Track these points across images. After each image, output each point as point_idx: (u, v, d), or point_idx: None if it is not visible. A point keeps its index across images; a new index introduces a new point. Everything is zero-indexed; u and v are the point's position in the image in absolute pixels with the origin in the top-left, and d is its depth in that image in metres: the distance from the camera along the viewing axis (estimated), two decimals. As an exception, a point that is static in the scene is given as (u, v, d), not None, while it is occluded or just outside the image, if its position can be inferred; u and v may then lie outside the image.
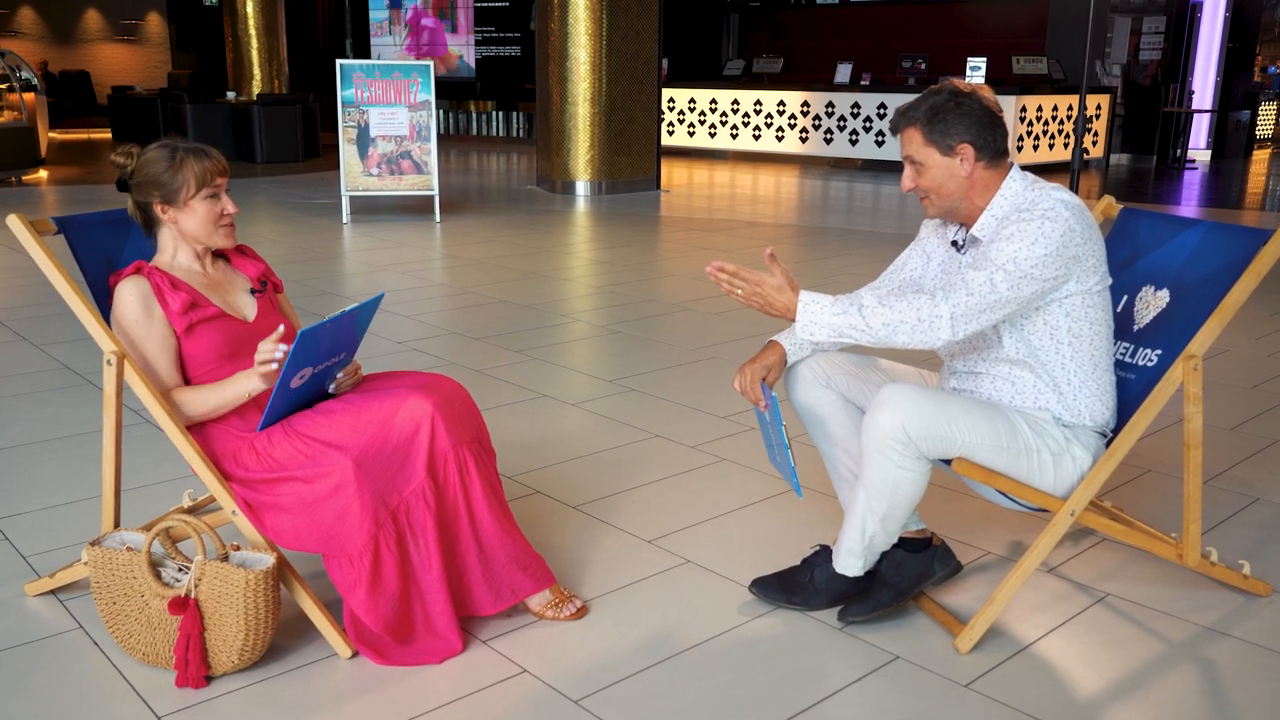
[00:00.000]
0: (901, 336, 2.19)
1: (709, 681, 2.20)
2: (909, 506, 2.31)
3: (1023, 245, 2.19)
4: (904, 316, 2.18)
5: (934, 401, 2.23)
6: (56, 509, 3.02)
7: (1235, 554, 2.76)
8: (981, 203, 2.35)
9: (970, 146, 2.30)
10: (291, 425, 2.28)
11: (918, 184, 2.36)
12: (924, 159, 2.32)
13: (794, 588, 2.49)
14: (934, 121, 2.30)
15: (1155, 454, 3.43)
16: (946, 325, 2.17)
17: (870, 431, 2.24)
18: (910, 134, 2.34)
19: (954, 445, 2.23)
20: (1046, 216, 2.21)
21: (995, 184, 2.34)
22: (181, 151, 2.33)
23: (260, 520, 2.24)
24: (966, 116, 2.29)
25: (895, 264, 2.59)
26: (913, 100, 2.36)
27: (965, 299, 2.18)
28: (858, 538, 2.38)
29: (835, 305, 2.21)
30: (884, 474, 2.25)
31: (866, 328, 2.19)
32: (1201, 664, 2.28)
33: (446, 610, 2.26)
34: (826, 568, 2.47)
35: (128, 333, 2.30)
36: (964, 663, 2.27)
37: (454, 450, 2.27)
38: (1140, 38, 14.49)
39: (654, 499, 3.12)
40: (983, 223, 2.35)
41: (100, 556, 2.20)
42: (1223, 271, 2.37)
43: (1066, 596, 2.57)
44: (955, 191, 2.33)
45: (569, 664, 2.26)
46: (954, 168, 2.31)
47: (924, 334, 2.19)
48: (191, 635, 2.13)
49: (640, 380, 4.32)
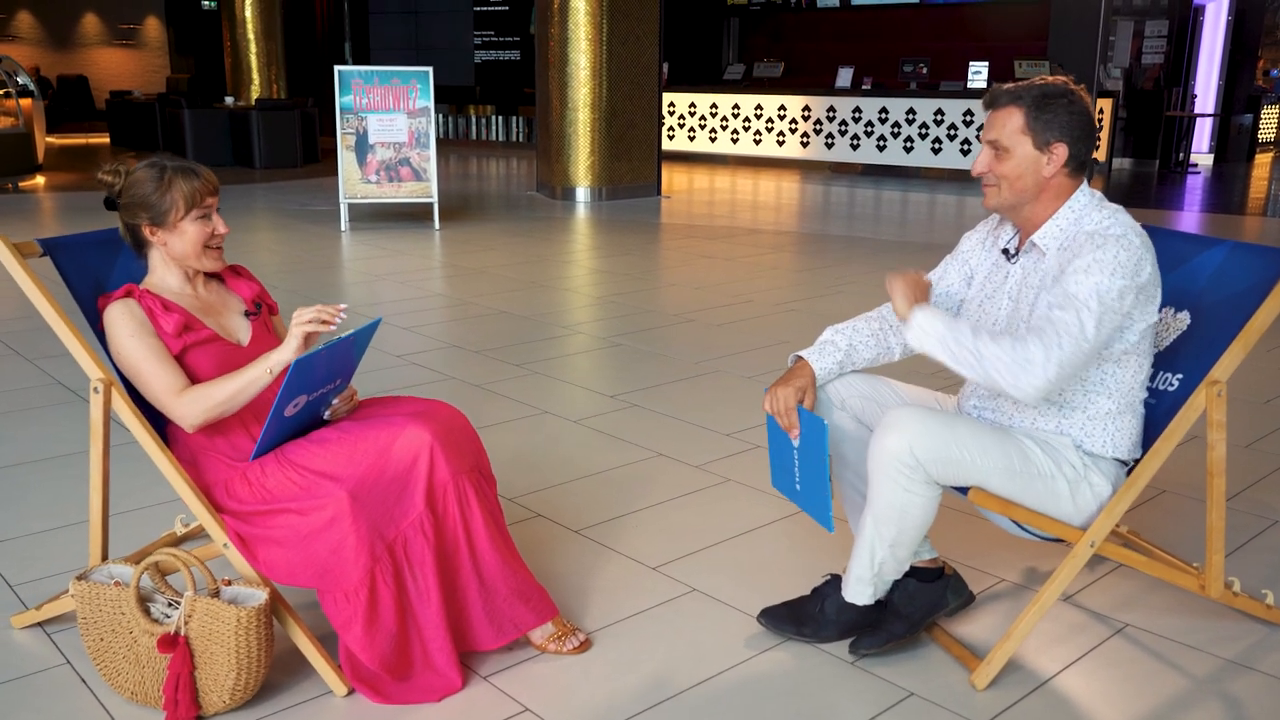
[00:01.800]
0: (998, 373, 2.07)
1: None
2: (918, 533, 2.24)
3: (1102, 277, 2.07)
4: (1006, 359, 2.05)
5: (943, 424, 2.15)
6: (45, 534, 2.94)
7: (1255, 580, 2.69)
8: (1048, 210, 2.24)
9: (1065, 148, 2.19)
10: (285, 455, 2.20)
11: (993, 169, 2.23)
12: (1012, 145, 2.20)
13: (804, 619, 2.41)
14: (1042, 109, 2.17)
15: (1170, 475, 3.35)
16: (1042, 374, 2.04)
17: (877, 454, 2.16)
18: (1009, 114, 2.20)
19: (963, 469, 2.15)
20: (1122, 244, 2.10)
21: (1066, 195, 2.24)
22: (170, 171, 2.25)
23: (253, 553, 2.17)
24: (1074, 116, 2.18)
25: (930, 276, 2.49)
26: (1019, 81, 2.23)
27: (1060, 345, 2.04)
28: (867, 565, 2.30)
29: (950, 320, 2.14)
30: (891, 498, 2.17)
31: (973, 353, 2.08)
32: (1227, 701, 2.21)
33: (446, 646, 2.18)
34: (837, 598, 2.39)
35: (127, 347, 2.19)
36: (981, 700, 2.20)
37: (453, 480, 2.19)
38: (1142, 41, 14.43)
39: (658, 522, 3.05)
40: (1046, 232, 2.23)
41: (87, 591, 2.13)
42: (1246, 294, 2.29)
43: (1084, 628, 2.49)
44: (1029, 189, 2.22)
45: (573, 703, 2.18)
46: (1040, 164, 2.20)
47: (1024, 381, 2.05)
48: (181, 674, 2.06)
49: (642, 395, 4.25)
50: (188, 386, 2.20)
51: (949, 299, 2.47)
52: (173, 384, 2.18)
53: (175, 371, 2.20)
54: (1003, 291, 2.34)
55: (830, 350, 2.39)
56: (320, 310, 2.17)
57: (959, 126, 12.46)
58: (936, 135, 12.65)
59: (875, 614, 2.38)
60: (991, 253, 2.42)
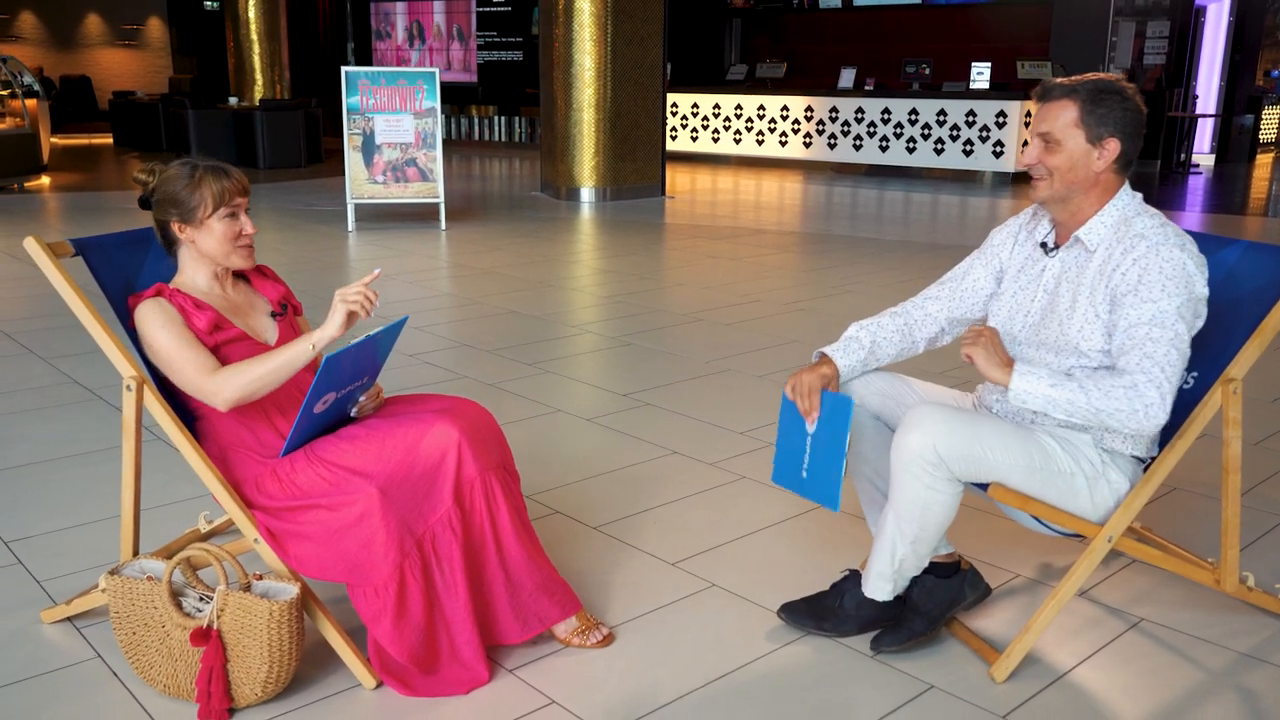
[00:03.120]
0: (1118, 423, 2.10)
1: (740, 714, 2.16)
2: (939, 529, 2.27)
3: (1183, 297, 2.12)
4: (1120, 405, 2.08)
5: (965, 422, 2.19)
6: (70, 530, 2.97)
7: (1267, 575, 2.72)
8: (1095, 206, 2.26)
9: (1117, 144, 2.21)
10: (315, 451, 2.23)
11: (1044, 160, 2.24)
12: (1064, 138, 2.22)
13: (823, 613, 2.44)
14: (1097, 103, 2.20)
15: (1182, 471, 3.38)
16: (1161, 412, 2.08)
17: (900, 451, 2.19)
18: (1063, 106, 2.22)
19: (985, 466, 2.18)
20: (1187, 254, 2.15)
21: (1112, 192, 2.27)
22: (202, 170, 2.28)
23: (283, 549, 2.20)
24: (1128, 113, 2.21)
25: (955, 273, 2.54)
26: (1074, 76, 2.26)
27: (1165, 378, 2.08)
28: (887, 561, 2.33)
29: (1051, 377, 2.14)
30: (914, 495, 2.20)
31: (1086, 407, 2.11)
32: (1243, 693, 2.24)
33: (473, 640, 2.22)
34: (856, 593, 2.42)
35: (158, 337, 2.21)
36: (1000, 692, 2.23)
37: (480, 477, 2.22)
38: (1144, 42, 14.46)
39: (676, 519, 3.08)
40: (1092, 227, 2.26)
41: (120, 586, 2.16)
42: (1261, 292, 2.33)
43: (1100, 622, 2.53)
44: (1079, 182, 2.24)
45: (598, 696, 2.21)
46: (1090, 159, 2.22)
47: (1141, 422, 2.09)
48: (214, 667, 2.09)
49: (655, 394, 4.28)
50: (220, 368, 2.23)
51: (975, 295, 2.50)
52: (206, 364, 2.21)
53: (208, 354, 2.23)
54: (1038, 285, 2.37)
55: (854, 347, 2.42)
56: (364, 289, 2.20)
57: (961, 127, 12.50)
58: (939, 136, 12.68)
59: (894, 610, 2.41)
60: (1025, 247, 2.44)
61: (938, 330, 2.53)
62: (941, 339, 2.55)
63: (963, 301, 2.52)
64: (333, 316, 2.20)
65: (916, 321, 2.49)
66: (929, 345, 2.52)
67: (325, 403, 2.21)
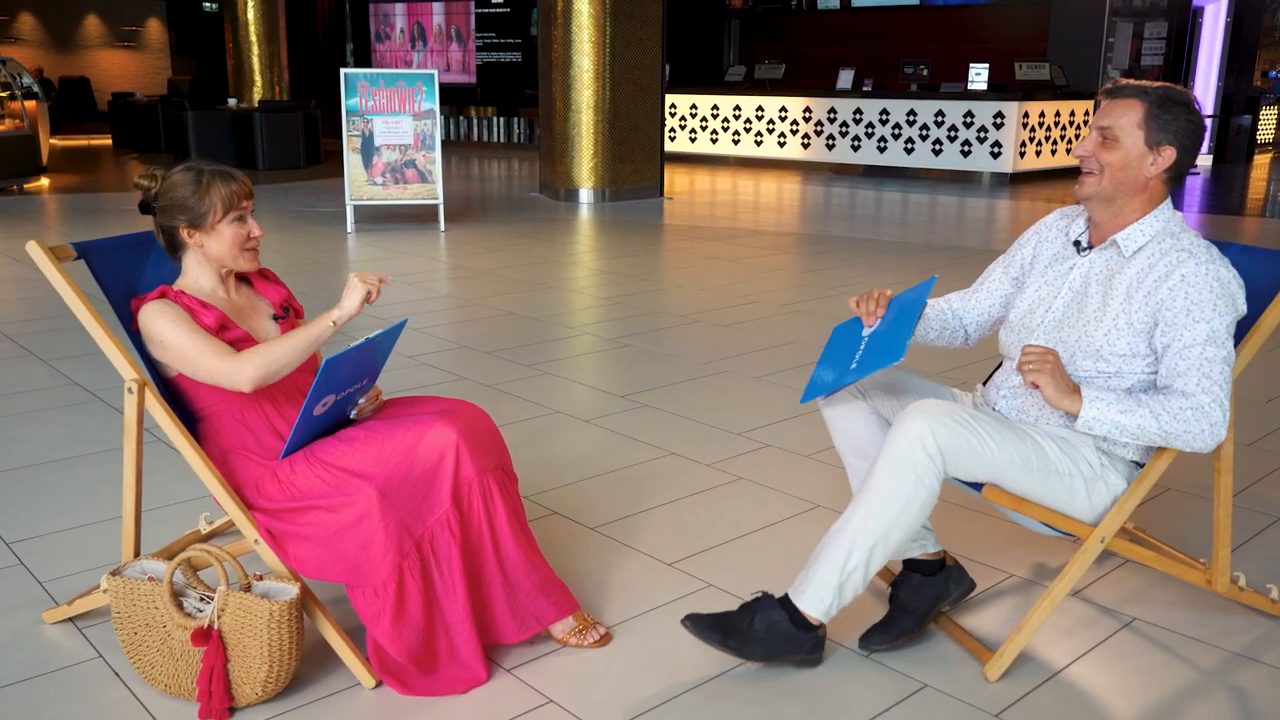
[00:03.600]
0: (1186, 444, 2.15)
1: (736, 713, 2.18)
2: (905, 535, 2.19)
3: (1229, 316, 2.17)
4: (1190, 427, 2.12)
5: (964, 416, 2.19)
6: (71, 532, 2.99)
7: (1259, 575, 2.75)
8: (1138, 212, 2.29)
9: (1174, 153, 2.23)
10: (314, 453, 2.25)
11: (1098, 155, 2.25)
12: (1124, 136, 2.23)
13: (730, 631, 2.26)
14: (1163, 108, 2.22)
15: (1175, 472, 3.40)
16: (1223, 426, 2.13)
17: (896, 438, 2.16)
18: (1129, 105, 2.24)
19: (982, 461, 2.18)
20: (1233, 276, 2.20)
21: (1157, 202, 2.29)
22: (208, 175, 2.30)
23: (283, 550, 2.22)
24: (1191, 126, 2.23)
25: (984, 276, 2.62)
26: (1146, 80, 2.29)
27: (1224, 396, 2.13)
28: (838, 568, 2.19)
29: (1121, 403, 2.16)
30: (897, 487, 2.14)
31: (1158, 432, 2.14)
32: (1234, 692, 2.26)
33: (471, 639, 2.24)
34: (767, 615, 2.25)
35: (168, 333, 2.22)
36: (993, 691, 2.25)
37: (479, 478, 2.24)
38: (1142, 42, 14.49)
39: (673, 519, 3.10)
40: (1131, 233, 2.28)
41: (121, 586, 2.18)
42: (1254, 296, 2.35)
43: (1093, 621, 2.55)
44: (1128, 183, 2.25)
45: (595, 695, 2.23)
46: (1145, 162, 2.24)
47: (1205, 441, 2.13)
48: (215, 667, 2.11)
49: (653, 395, 4.30)
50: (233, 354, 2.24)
51: (990, 298, 2.56)
52: (223, 349, 2.23)
53: (221, 341, 2.25)
54: (1064, 281, 2.38)
55: None
56: (377, 277, 2.27)
57: (959, 128, 12.52)
58: (937, 137, 12.71)
59: (804, 640, 2.25)
60: (1053, 244, 2.46)
61: (963, 329, 2.61)
62: (968, 338, 2.63)
63: (980, 303, 2.58)
64: (350, 294, 2.24)
65: (951, 312, 2.60)
66: (964, 337, 2.62)
67: (325, 405, 2.23)
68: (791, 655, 2.28)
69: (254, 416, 2.34)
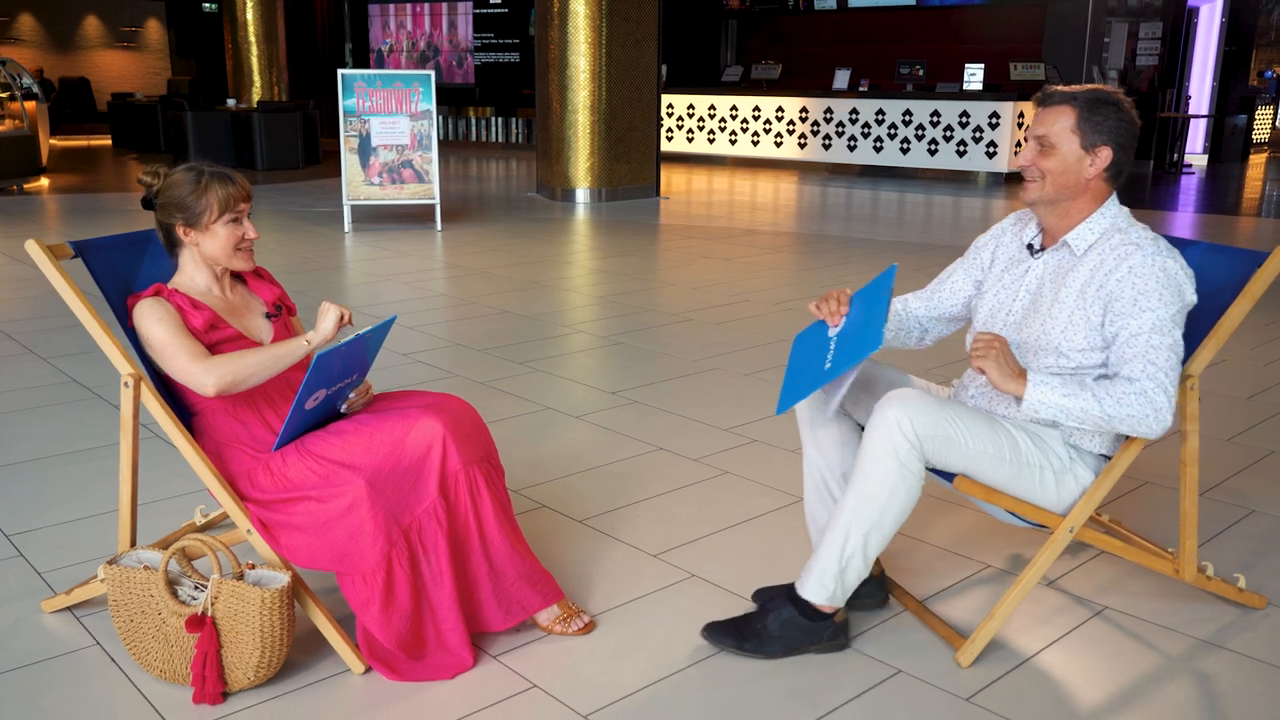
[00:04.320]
0: (1129, 428, 2.20)
1: (716, 697, 2.24)
2: (896, 521, 2.26)
3: (1175, 306, 2.22)
4: (1132, 411, 2.17)
5: (940, 404, 2.26)
6: (70, 524, 3.06)
7: (1231, 566, 2.81)
8: (1084, 212, 2.35)
9: (1110, 153, 2.30)
10: (305, 446, 2.32)
11: (1038, 163, 2.33)
12: (1059, 142, 2.30)
13: (745, 634, 2.37)
14: (1094, 110, 2.29)
15: (1152, 466, 3.47)
16: (1169, 416, 2.18)
17: (876, 429, 2.22)
18: (1061, 112, 2.31)
19: (957, 449, 2.24)
20: (1179, 265, 2.25)
21: (1101, 200, 2.36)
22: (207, 175, 2.37)
23: (275, 539, 2.29)
24: (1122, 124, 2.30)
25: (941, 277, 2.66)
26: (1074, 85, 2.36)
27: (1172, 385, 2.18)
28: (835, 556, 2.28)
29: (1065, 386, 2.22)
30: (884, 475, 2.21)
31: (1100, 415, 2.19)
32: (1199, 677, 2.33)
33: (458, 626, 2.30)
34: (780, 613, 2.35)
35: (154, 330, 2.29)
36: (965, 676, 2.32)
37: (465, 470, 2.31)
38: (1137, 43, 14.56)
39: (658, 512, 3.17)
40: (1080, 233, 2.34)
41: (118, 575, 2.24)
42: (1219, 293, 2.41)
43: (1065, 610, 2.61)
44: (1070, 185, 2.32)
45: (578, 679, 2.30)
46: (1083, 164, 2.30)
47: (1149, 427, 2.18)
48: (208, 653, 2.17)
49: (643, 392, 4.37)
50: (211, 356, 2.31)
51: (954, 297, 2.61)
52: (198, 351, 2.30)
53: (200, 344, 2.32)
54: (1021, 285, 2.45)
55: None
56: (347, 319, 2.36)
57: (955, 128, 12.59)
58: (933, 137, 12.78)
59: (823, 628, 2.34)
60: (1009, 248, 2.53)
61: (920, 329, 2.65)
62: (928, 336, 2.66)
63: (943, 303, 2.63)
64: (325, 318, 2.32)
65: (907, 313, 2.64)
66: (919, 337, 2.66)
67: (316, 399, 2.30)
68: (812, 645, 2.36)
69: (246, 411, 2.40)
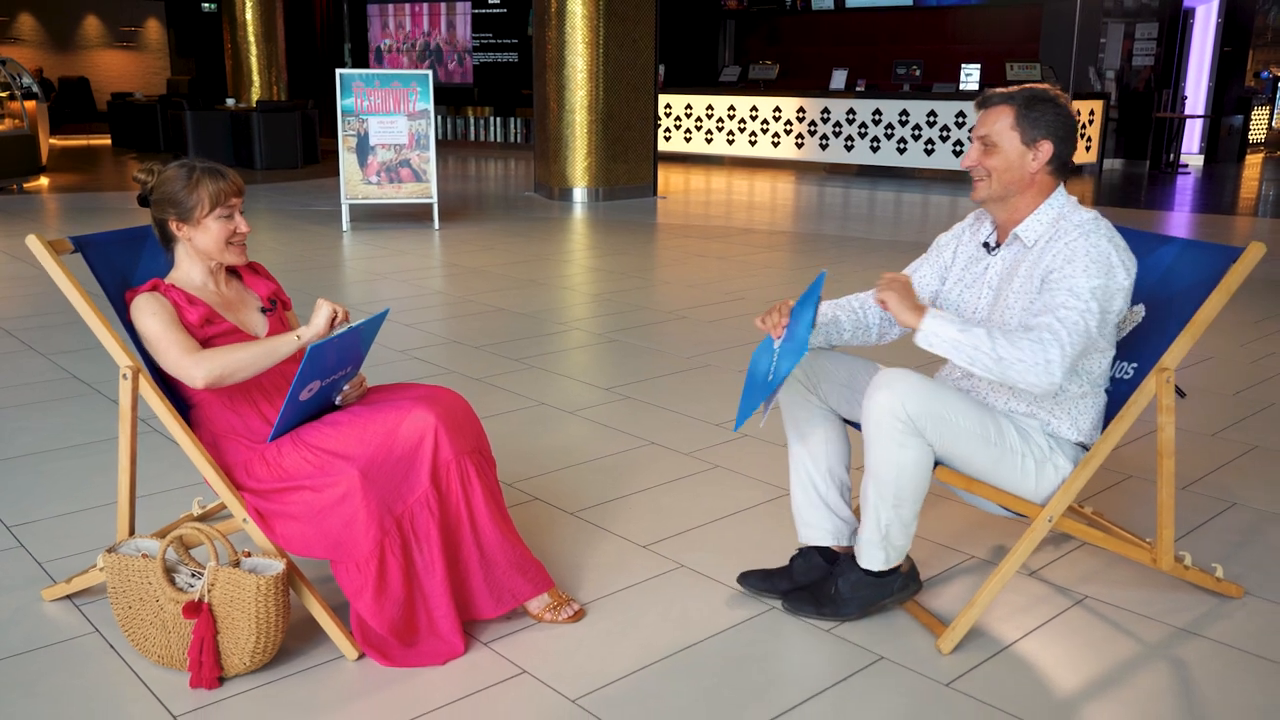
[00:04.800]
0: (1015, 373, 2.22)
1: (702, 682, 2.29)
2: (917, 492, 2.34)
3: (1100, 280, 2.26)
4: (1023, 355, 2.20)
5: (930, 384, 2.31)
6: (69, 516, 3.11)
7: (1212, 557, 2.86)
8: (1031, 205, 2.42)
9: (1050, 146, 2.38)
10: (300, 437, 2.37)
11: (982, 162, 2.41)
12: (1001, 140, 2.39)
13: (822, 600, 2.53)
14: (1030, 108, 2.37)
15: (1138, 460, 3.53)
16: (1058, 370, 2.21)
17: (870, 412, 2.30)
18: (1000, 112, 2.40)
19: (948, 427, 2.30)
20: (1113, 246, 2.30)
21: (1048, 193, 2.43)
22: (199, 171, 2.42)
23: (270, 528, 2.34)
24: (1059, 118, 2.38)
25: (906, 271, 2.69)
26: (1011, 85, 2.44)
27: (1069, 342, 2.22)
28: (874, 528, 2.41)
29: (959, 323, 2.27)
30: (886, 455, 2.30)
31: (990, 354, 2.22)
32: (1174, 664, 2.38)
33: (449, 614, 2.35)
34: (850, 575, 2.49)
35: (148, 324, 2.35)
36: (946, 663, 2.37)
37: (456, 460, 2.36)
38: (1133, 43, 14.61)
39: (649, 505, 3.22)
40: (1029, 225, 2.41)
41: (116, 563, 2.29)
42: (1196, 287, 2.47)
43: (1046, 599, 2.66)
44: (1015, 182, 2.40)
45: (567, 665, 2.35)
46: (1026, 160, 2.38)
47: (1037, 377, 2.21)
48: (205, 638, 2.22)
49: (636, 388, 4.42)
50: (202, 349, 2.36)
51: (920, 291, 2.65)
52: (189, 345, 2.35)
53: (191, 338, 2.37)
54: (983, 282, 2.52)
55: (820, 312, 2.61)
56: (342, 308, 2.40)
57: (951, 128, 12.64)
58: (929, 136, 12.83)
59: (891, 581, 2.48)
60: (968, 247, 2.60)
61: (885, 320, 2.69)
62: (889, 332, 2.70)
63: None
64: (318, 314, 2.37)
65: (869, 308, 2.68)
66: (879, 333, 2.69)
67: (310, 391, 2.35)
68: (886, 598, 2.51)
69: (243, 403, 2.45)
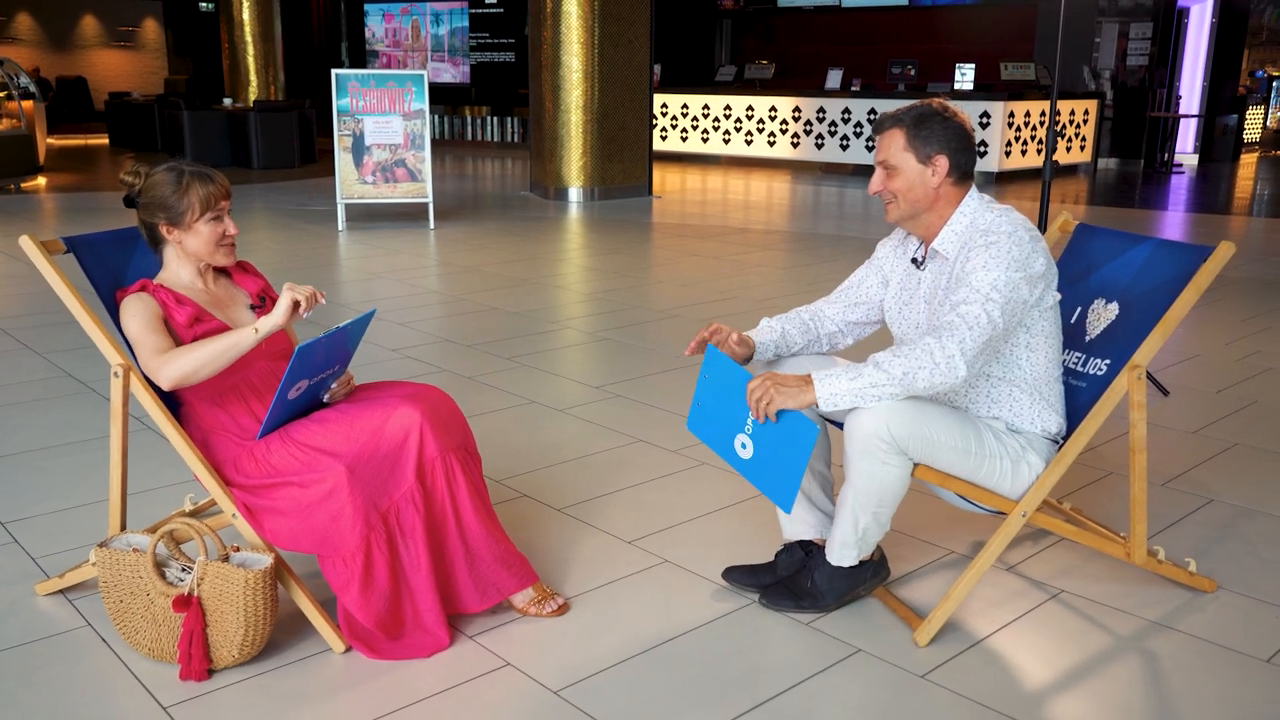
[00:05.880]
0: (922, 381, 2.27)
1: (682, 673, 2.34)
2: (897, 499, 2.42)
3: (1001, 271, 2.30)
4: (920, 363, 2.25)
5: (913, 405, 2.36)
6: (63, 512, 3.15)
7: (1188, 552, 2.91)
8: (942, 218, 2.48)
9: (946, 159, 2.43)
10: (288, 434, 2.41)
11: (887, 187, 2.48)
12: (899, 163, 2.45)
13: (800, 594, 2.58)
14: (919, 127, 2.43)
15: (1116, 457, 3.57)
16: (961, 363, 2.25)
17: (855, 435, 2.34)
18: (893, 135, 2.46)
19: (932, 445, 2.35)
20: (1014, 240, 2.34)
21: (956, 202, 2.48)
22: (188, 175, 2.46)
23: (259, 523, 2.38)
24: (949, 131, 2.43)
25: (851, 281, 2.74)
26: (900, 106, 2.50)
27: (969, 334, 2.26)
28: (850, 531, 2.47)
29: (849, 371, 2.30)
30: (871, 472, 2.35)
31: (889, 380, 2.27)
32: (1146, 656, 2.43)
33: (435, 607, 2.40)
34: (824, 569, 2.55)
35: (131, 324, 2.39)
36: (922, 655, 2.41)
37: (441, 457, 2.40)
38: (1128, 43, 14.65)
39: (635, 501, 3.26)
40: (944, 238, 2.47)
41: (108, 557, 2.34)
42: (1168, 285, 2.51)
43: (1022, 593, 2.71)
44: (921, 200, 2.46)
45: (550, 657, 2.40)
46: (925, 177, 2.44)
47: (943, 375, 2.26)
48: (194, 631, 2.27)
49: (626, 386, 4.46)
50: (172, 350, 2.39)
51: (869, 301, 2.70)
52: (160, 346, 2.38)
53: (166, 340, 2.40)
54: (918, 297, 2.58)
55: (766, 332, 2.68)
56: (314, 290, 2.40)
57: (946, 127, 12.66)
58: (924, 136, 12.85)
59: (864, 572, 2.56)
60: (903, 261, 2.65)
61: (837, 330, 2.73)
62: (843, 340, 2.75)
63: (857, 306, 2.73)
64: (279, 304, 2.37)
65: (820, 319, 2.72)
66: (830, 343, 2.75)
67: (298, 389, 2.39)
68: (860, 587, 2.59)
69: (232, 401, 2.50)
